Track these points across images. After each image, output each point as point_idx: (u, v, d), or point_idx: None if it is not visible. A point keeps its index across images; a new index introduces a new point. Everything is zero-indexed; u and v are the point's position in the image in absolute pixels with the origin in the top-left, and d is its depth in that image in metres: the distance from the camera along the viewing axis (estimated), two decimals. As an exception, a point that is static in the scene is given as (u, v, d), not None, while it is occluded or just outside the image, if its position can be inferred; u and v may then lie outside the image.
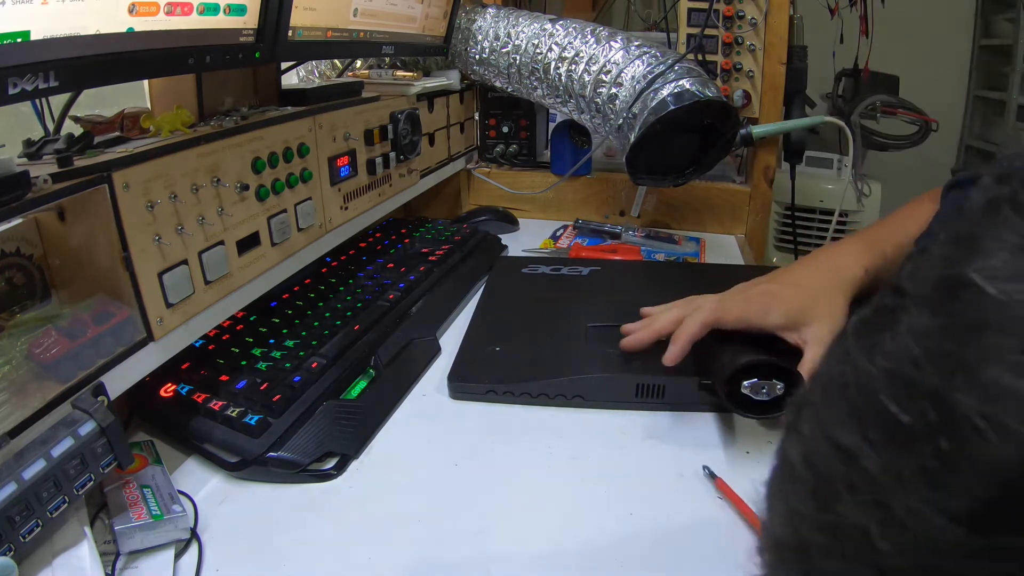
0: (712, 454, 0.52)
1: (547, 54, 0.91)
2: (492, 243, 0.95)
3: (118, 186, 0.45)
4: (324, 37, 0.68)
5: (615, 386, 0.57)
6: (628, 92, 0.84)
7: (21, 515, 0.37)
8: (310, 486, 0.49)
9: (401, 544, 0.43)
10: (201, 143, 0.53)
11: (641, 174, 0.90)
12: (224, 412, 0.52)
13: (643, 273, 0.86)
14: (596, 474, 0.50)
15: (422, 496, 0.48)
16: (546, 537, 0.44)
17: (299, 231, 0.66)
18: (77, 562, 0.38)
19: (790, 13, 0.99)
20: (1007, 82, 2.30)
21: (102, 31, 0.42)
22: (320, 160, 0.68)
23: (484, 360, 0.62)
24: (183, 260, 0.51)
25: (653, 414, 0.57)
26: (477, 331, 0.68)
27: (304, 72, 1.10)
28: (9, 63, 0.36)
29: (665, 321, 0.57)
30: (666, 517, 0.45)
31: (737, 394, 0.50)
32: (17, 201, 0.39)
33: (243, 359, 0.59)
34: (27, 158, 0.50)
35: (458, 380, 0.60)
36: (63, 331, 0.43)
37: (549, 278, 0.80)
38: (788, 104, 1.04)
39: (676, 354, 0.54)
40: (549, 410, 0.58)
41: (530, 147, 1.15)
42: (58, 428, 0.40)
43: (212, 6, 0.50)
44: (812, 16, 1.13)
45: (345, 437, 0.53)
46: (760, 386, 0.50)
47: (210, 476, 0.50)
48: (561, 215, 1.11)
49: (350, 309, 0.68)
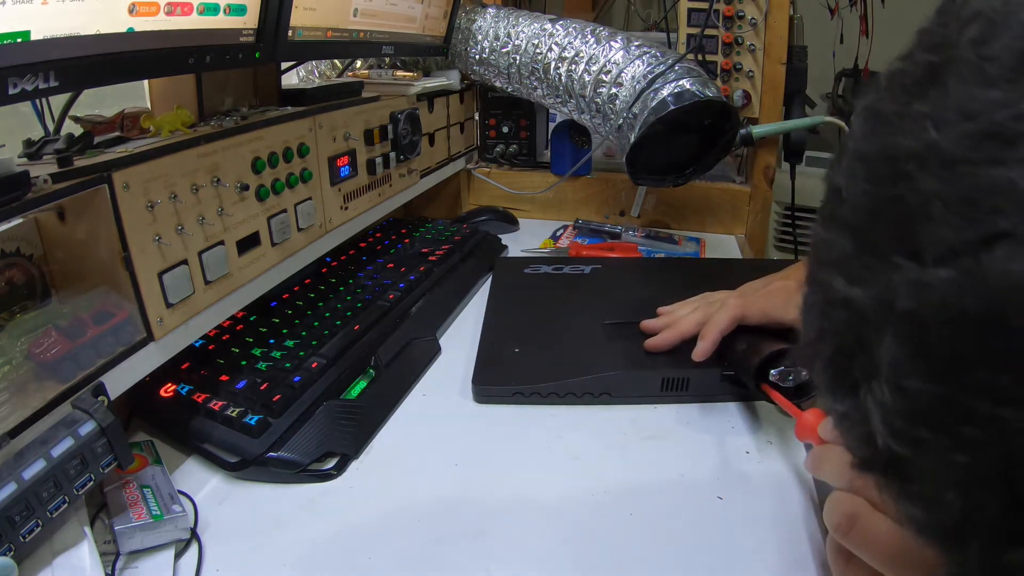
0: (713, 449, 0.52)
1: (547, 54, 0.91)
2: (492, 243, 0.95)
3: (118, 186, 0.45)
4: (324, 37, 0.68)
5: (642, 382, 0.58)
6: (628, 92, 0.84)
7: (21, 515, 0.37)
8: (310, 486, 0.49)
9: (401, 544, 0.43)
10: (201, 143, 0.53)
11: (641, 174, 0.90)
12: (224, 412, 0.52)
13: (645, 269, 0.86)
14: (596, 474, 0.50)
15: (422, 496, 0.48)
16: (546, 537, 0.44)
17: (299, 231, 0.66)
18: (77, 562, 0.38)
19: (790, 13, 0.99)
20: (1007, 82, 2.29)
21: (102, 31, 0.42)
22: (320, 160, 0.68)
23: (506, 362, 0.62)
24: (183, 260, 0.51)
25: (653, 412, 0.57)
26: (492, 333, 0.67)
27: (304, 72, 1.10)
28: (9, 63, 0.36)
29: (690, 323, 0.59)
30: (666, 517, 0.45)
31: (765, 383, 0.51)
32: (17, 201, 0.39)
33: (243, 359, 0.59)
34: (27, 158, 0.50)
35: (483, 384, 0.59)
36: (63, 331, 0.43)
37: (552, 278, 0.80)
38: (788, 104, 1.04)
39: (707, 349, 0.56)
40: (549, 409, 0.58)
41: (530, 147, 1.15)
42: (58, 428, 0.40)
43: (212, 6, 0.50)
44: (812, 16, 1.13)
45: (345, 437, 0.53)
46: (787, 373, 0.51)
47: (210, 476, 0.50)
48: (561, 215, 1.11)
49: (350, 309, 0.68)
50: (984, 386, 0.16)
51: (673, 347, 0.59)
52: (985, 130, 0.16)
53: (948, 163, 0.16)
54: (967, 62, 0.17)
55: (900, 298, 0.17)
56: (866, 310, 0.18)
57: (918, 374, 0.17)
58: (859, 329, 0.19)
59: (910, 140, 0.17)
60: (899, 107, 0.18)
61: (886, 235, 0.18)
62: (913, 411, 0.17)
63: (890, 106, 0.19)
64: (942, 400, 0.17)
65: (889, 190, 0.18)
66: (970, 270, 0.16)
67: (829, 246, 0.20)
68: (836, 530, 0.34)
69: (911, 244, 0.17)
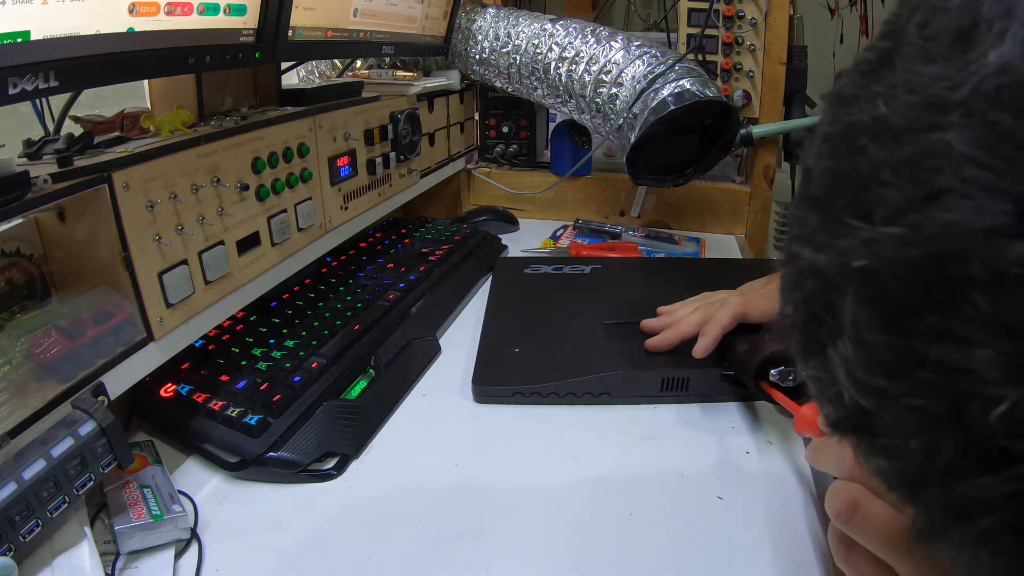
0: (713, 449, 0.52)
1: (547, 54, 0.91)
2: (492, 243, 0.95)
3: (118, 186, 0.45)
4: (324, 37, 0.68)
5: (642, 381, 0.58)
6: (628, 92, 0.84)
7: (21, 515, 0.37)
8: (310, 486, 0.49)
9: (401, 544, 0.43)
10: (201, 143, 0.53)
11: (641, 174, 0.90)
12: (224, 412, 0.52)
13: (645, 269, 0.86)
14: (596, 474, 0.50)
15: (422, 496, 0.48)
16: (546, 537, 0.44)
17: (299, 231, 0.66)
18: (77, 562, 0.38)
19: (790, 13, 0.99)
20: (1007, 82, 2.30)
21: (102, 31, 0.42)
22: (320, 160, 0.68)
23: (506, 362, 0.62)
24: (183, 260, 0.51)
25: (653, 412, 0.57)
26: (492, 333, 0.67)
27: (304, 72, 1.10)
28: (9, 63, 0.36)
29: (690, 324, 0.60)
30: (666, 517, 0.45)
31: (765, 382, 0.51)
32: (17, 201, 0.39)
33: (243, 359, 0.59)
34: (27, 158, 0.50)
35: (483, 384, 0.59)
36: (63, 331, 0.43)
37: (553, 278, 0.80)
38: (788, 104, 1.04)
39: (708, 346, 0.56)
40: (549, 409, 0.58)
41: (530, 147, 1.15)
42: (58, 428, 0.40)
43: (212, 6, 0.50)
44: (812, 16, 1.13)
45: (345, 437, 0.53)
46: (787, 373, 0.51)
47: (210, 476, 0.50)
48: (561, 215, 1.11)
49: (350, 309, 0.68)
50: (932, 330, 0.17)
51: (673, 347, 0.59)
52: (925, 101, 0.17)
53: (895, 133, 0.18)
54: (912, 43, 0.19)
55: (855, 257, 0.19)
56: (830, 274, 0.20)
57: (875, 326, 0.18)
58: (825, 294, 0.20)
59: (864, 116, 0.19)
60: (858, 90, 0.20)
61: (844, 203, 0.20)
62: (873, 362, 0.19)
63: (851, 89, 0.21)
64: (897, 348, 0.18)
65: (847, 163, 0.20)
66: (915, 224, 0.17)
67: (800, 222, 0.22)
68: (837, 517, 0.35)
69: (864, 208, 0.19)
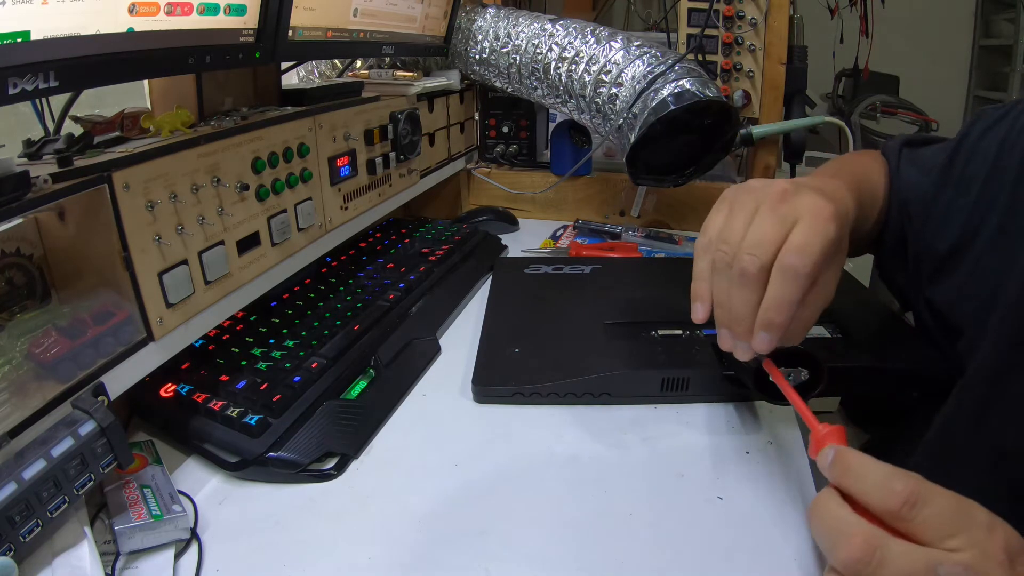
0: (713, 449, 0.52)
1: (547, 54, 0.91)
2: (492, 243, 0.95)
3: (118, 186, 0.45)
4: (324, 37, 0.68)
5: (642, 382, 0.58)
6: (628, 92, 0.84)
7: (21, 515, 0.37)
8: (310, 486, 0.49)
9: (401, 544, 0.43)
10: (201, 143, 0.53)
11: (641, 174, 0.90)
12: (224, 412, 0.52)
13: (645, 269, 0.86)
14: (596, 474, 0.50)
15: (422, 496, 0.48)
16: (546, 537, 0.44)
17: (299, 231, 0.66)
18: (77, 562, 0.38)
19: (790, 13, 0.99)
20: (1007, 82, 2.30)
21: (102, 31, 0.42)
22: (320, 160, 0.68)
23: (506, 362, 0.62)
24: (183, 260, 0.51)
25: (653, 412, 0.57)
26: (492, 333, 0.67)
27: (304, 72, 1.10)
28: (9, 63, 0.36)
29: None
30: (666, 517, 0.45)
31: (764, 382, 0.51)
32: (17, 201, 0.39)
33: (243, 359, 0.59)
34: (27, 158, 0.50)
35: (483, 384, 0.59)
36: (63, 331, 0.43)
37: (553, 278, 0.80)
38: (788, 104, 1.04)
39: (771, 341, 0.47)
40: (549, 409, 0.58)
41: (530, 147, 1.15)
42: (58, 428, 0.40)
43: (212, 6, 0.50)
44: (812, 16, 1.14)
45: (345, 437, 0.53)
46: (787, 373, 0.51)
47: (210, 476, 0.50)
48: (561, 215, 1.11)
49: (350, 309, 0.68)
50: None
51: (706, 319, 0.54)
52: None
53: None
54: None
55: None
56: None
57: None
58: None
59: None
60: None
61: None
62: None
63: None
64: None
65: None
66: None
67: None
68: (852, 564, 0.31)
69: None
